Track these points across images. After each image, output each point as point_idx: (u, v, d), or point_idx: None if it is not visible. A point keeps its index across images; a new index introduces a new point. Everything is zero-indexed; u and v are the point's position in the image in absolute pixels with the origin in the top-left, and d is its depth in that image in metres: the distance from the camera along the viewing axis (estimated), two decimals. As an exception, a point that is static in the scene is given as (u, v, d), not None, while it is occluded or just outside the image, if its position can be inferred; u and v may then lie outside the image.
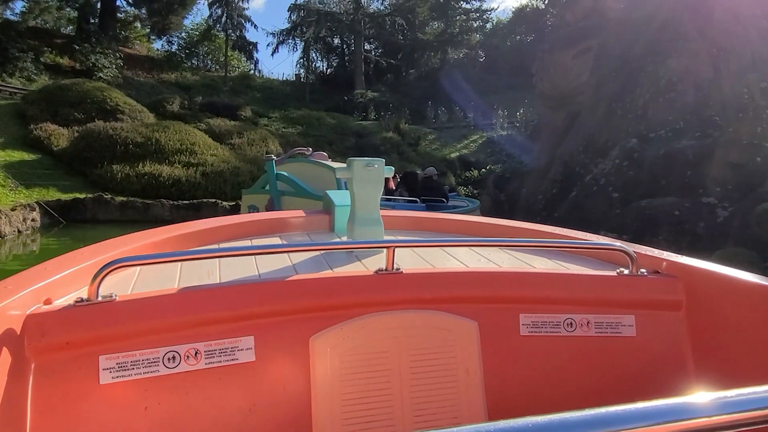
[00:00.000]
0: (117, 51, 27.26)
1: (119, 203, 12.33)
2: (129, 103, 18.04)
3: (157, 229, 1.80)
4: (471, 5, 39.90)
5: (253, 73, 35.40)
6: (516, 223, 2.23)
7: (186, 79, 30.18)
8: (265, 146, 18.51)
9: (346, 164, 1.85)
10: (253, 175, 15.59)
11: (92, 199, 12.16)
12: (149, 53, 34.57)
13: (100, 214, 12.18)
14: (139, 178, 13.76)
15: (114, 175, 13.73)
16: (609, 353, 1.44)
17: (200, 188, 14.23)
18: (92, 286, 1.13)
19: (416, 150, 23.83)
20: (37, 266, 1.31)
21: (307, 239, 2.02)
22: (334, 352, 1.29)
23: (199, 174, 14.52)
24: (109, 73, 24.81)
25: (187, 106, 20.68)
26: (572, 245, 1.76)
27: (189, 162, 14.86)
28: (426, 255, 1.75)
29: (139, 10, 33.13)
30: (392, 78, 36.24)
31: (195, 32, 36.04)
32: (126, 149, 14.59)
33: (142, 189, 13.60)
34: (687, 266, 1.50)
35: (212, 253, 1.47)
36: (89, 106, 16.99)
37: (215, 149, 16.02)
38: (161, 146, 14.92)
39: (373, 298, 1.36)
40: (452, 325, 1.38)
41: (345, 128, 23.78)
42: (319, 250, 1.69)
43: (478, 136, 27.19)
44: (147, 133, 15.19)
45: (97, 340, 1.12)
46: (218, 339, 1.21)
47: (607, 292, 1.49)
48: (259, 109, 25.60)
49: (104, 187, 13.55)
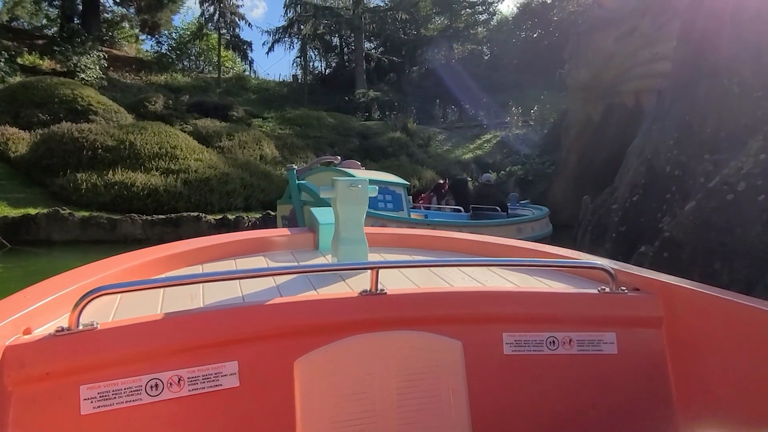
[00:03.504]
0: (101, 51, 25.33)
1: (80, 220, 10.14)
2: (103, 103, 15.86)
3: (140, 251, 1.75)
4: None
5: (248, 74, 33.32)
6: (500, 239, 2.24)
7: (176, 81, 28.08)
8: (259, 149, 16.31)
9: (331, 184, 1.80)
10: (245, 182, 13.40)
11: (46, 215, 9.97)
12: (138, 54, 32.58)
13: (56, 234, 9.99)
14: (109, 188, 11.56)
15: (78, 186, 11.53)
16: (591, 371, 1.45)
17: (181, 199, 12.03)
18: (73, 314, 1.12)
19: (427, 151, 21.68)
20: (16, 294, 1.29)
21: (292, 258, 1.99)
22: (318, 375, 1.28)
23: (181, 182, 12.33)
24: (93, 74, 22.81)
25: (172, 106, 18.48)
26: (554, 264, 1.75)
27: (169, 168, 12.66)
28: (410, 273, 1.75)
29: (127, 9, 31.15)
30: (395, 76, 34.15)
31: (186, 32, 34.08)
32: (94, 154, 12.40)
33: (112, 201, 11.41)
34: (666, 284, 1.53)
35: (195, 279, 1.38)
36: (56, 107, 14.81)
37: (200, 153, 13.82)
38: (136, 150, 12.73)
39: (358, 319, 1.35)
40: (437, 345, 1.38)
41: (348, 129, 21.60)
42: (303, 272, 1.65)
43: (491, 136, 25.18)
44: (120, 136, 12.99)
45: (78, 370, 1.10)
46: (202, 365, 1.19)
47: (588, 309, 1.51)
48: (253, 110, 23.46)
49: (66, 200, 11.37)
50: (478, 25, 38.26)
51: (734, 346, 1.33)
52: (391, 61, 34.49)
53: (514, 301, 1.49)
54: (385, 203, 8.42)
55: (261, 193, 13.55)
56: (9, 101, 14.84)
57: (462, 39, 37.57)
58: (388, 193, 8.54)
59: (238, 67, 34.99)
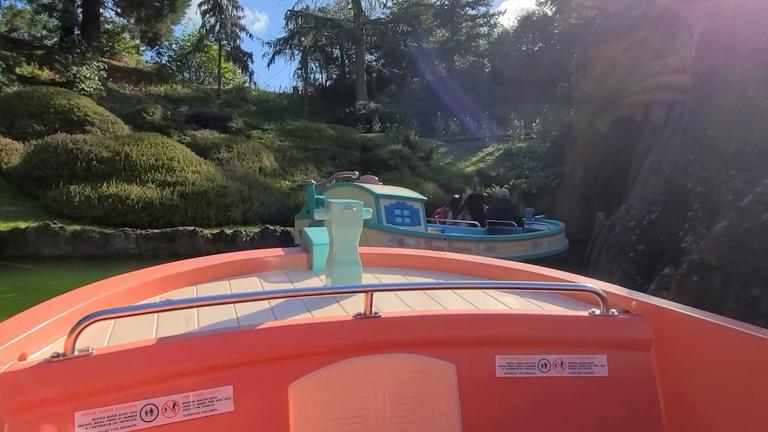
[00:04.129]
0: (100, 61, 25.16)
1: (71, 234, 9.75)
2: (100, 113, 15.55)
3: (135, 273, 1.77)
4: (477, 11, 38.02)
5: (248, 86, 33.13)
6: (493, 260, 2.25)
7: (176, 92, 27.86)
8: (258, 161, 15.98)
9: (325, 206, 1.83)
10: (243, 195, 13.04)
11: (36, 229, 9.58)
12: (138, 65, 32.43)
13: (46, 249, 9.59)
14: (102, 200, 11.19)
15: (71, 198, 11.16)
16: (582, 394, 1.46)
17: (177, 212, 11.66)
18: (68, 340, 1.12)
19: (428, 164, 21.36)
20: (11, 319, 1.29)
21: (286, 279, 2.01)
22: (313, 399, 1.29)
23: (177, 195, 11.96)
24: (91, 85, 22.60)
25: (171, 117, 18.17)
26: (546, 287, 1.82)
27: (165, 180, 12.30)
28: (403, 295, 1.77)
29: (128, 19, 31.02)
30: (396, 88, 33.97)
31: (187, 43, 33.97)
32: (88, 166, 12.05)
33: (105, 215, 11.04)
34: (656, 306, 1.54)
35: (190, 303, 1.39)
36: (52, 117, 14.50)
37: (198, 165, 13.46)
38: (132, 162, 12.38)
39: (352, 343, 1.36)
40: (430, 368, 1.39)
41: (348, 141, 21.29)
42: (298, 296, 1.64)
43: (493, 149, 24.88)
44: (115, 147, 12.65)
45: (74, 396, 1.11)
46: (196, 390, 1.19)
47: (579, 332, 1.52)
48: (253, 122, 23.18)
49: (58, 213, 11.00)
50: (479, 38, 38.22)
51: (724, 370, 1.34)
52: (392, 73, 34.37)
53: (506, 324, 1.51)
54: (403, 218, 8.46)
55: (260, 207, 13.18)
56: (3, 111, 14.54)
57: (463, 51, 37.49)
58: (406, 208, 8.55)
59: (238, 78, 34.84)
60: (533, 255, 9.46)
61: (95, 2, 28.16)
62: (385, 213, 8.29)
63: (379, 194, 8.38)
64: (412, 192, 9.50)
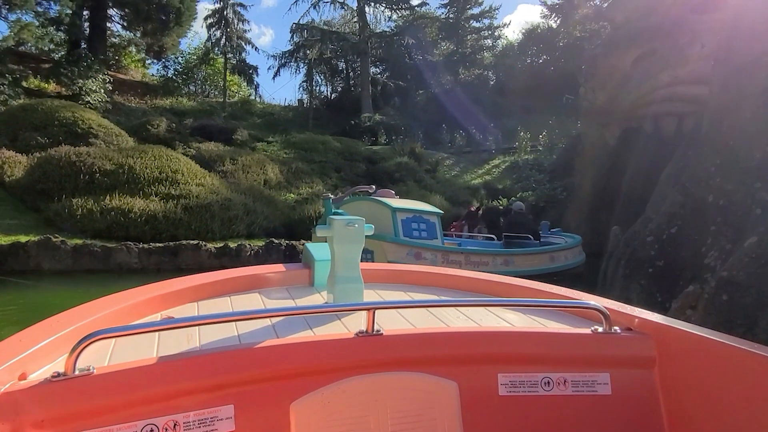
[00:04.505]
0: (106, 74, 25.22)
1: (72, 248, 9.57)
2: (104, 126, 15.46)
3: (136, 290, 1.76)
4: (482, 23, 38.11)
5: (254, 99, 33.15)
6: (493, 276, 2.24)
7: (182, 105, 27.88)
8: (263, 173, 15.82)
9: (327, 224, 1.82)
10: (248, 208, 12.85)
11: (37, 243, 9.40)
12: (144, 79, 32.55)
13: (47, 263, 9.40)
14: (105, 214, 11.02)
15: (73, 211, 11.00)
16: (586, 412, 1.45)
17: (181, 226, 11.47)
18: (69, 359, 1.11)
19: (434, 176, 21.17)
20: (11, 338, 1.28)
21: (287, 295, 2.01)
22: (315, 418, 1.28)
23: (181, 208, 11.78)
24: (97, 98, 22.65)
25: (176, 129, 18.08)
26: (548, 304, 1.80)
27: (168, 193, 12.13)
28: (405, 312, 1.76)
29: (134, 33, 31.18)
30: (401, 101, 33.95)
31: (192, 57, 34.10)
32: (91, 179, 11.90)
33: (108, 228, 10.86)
34: (659, 324, 1.53)
35: (191, 321, 1.37)
36: (56, 129, 14.41)
37: (202, 177, 13.30)
38: (135, 175, 12.23)
39: (354, 361, 1.35)
40: (432, 386, 1.39)
41: (354, 153, 21.15)
42: (300, 314, 1.65)
43: (500, 161, 24.72)
44: (119, 159, 12.51)
45: (74, 417, 1.09)
46: (197, 409, 1.18)
47: (582, 349, 1.51)
48: (258, 134, 23.10)
49: (59, 227, 10.82)
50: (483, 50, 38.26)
51: (728, 388, 1.33)
52: (397, 85, 34.36)
53: (509, 341, 1.50)
54: (420, 231, 8.47)
55: (264, 220, 12.99)
56: (8, 124, 14.47)
57: (468, 64, 37.52)
58: (423, 221, 8.56)
59: (243, 91, 34.88)
60: (550, 269, 9.37)
61: (102, 16, 28.35)
62: (402, 227, 8.28)
63: (396, 208, 8.38)
64: (429, 205, 9.49)
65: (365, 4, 33.31)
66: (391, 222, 8.13)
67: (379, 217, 8.01)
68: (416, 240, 8.30)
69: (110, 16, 29.25)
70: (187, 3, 28.96)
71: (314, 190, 16.19)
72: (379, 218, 7.93)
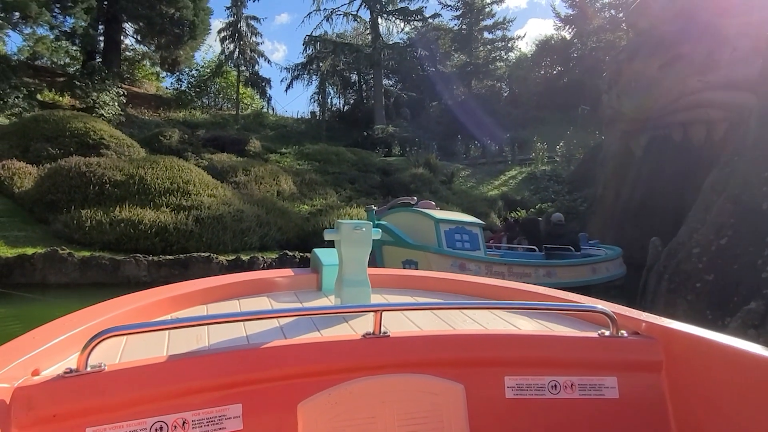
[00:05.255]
0: (120, 87, 25.26)
1: (79, 261, 9.22)
2: (116, 137, 15.24)
3: (147, 291, 1.78)
4: (495, 35, 37.87)
5: (266, 111, 33.09)
6: (501, 281, 2.24)
7: (195, 118, 27.82)
8: (276, 184, 15.46)
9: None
10: (261, 220, 12.47)
11: (43, 255, 9.06)
12: (157, 92, 32.67)
13: (53, 276, 9.06)
14: (114, 225, 10.68)
15: (82, 223, 10.67)
16: (593, 415, 1.44)
17: (192, 238, 11.10)
18: (81, 356, 1.13)
19: (450, 188, 20.71)
20: (25, 335, 1.30)
21: (295, 299, 2.01)
22: (322, 419, 1.28)
23: (192, 219, 11.42)
24: (111, 111, 22.65)
25: (188, 140, 17.85)
26: (555, 307, 1.80)
27: (180, 204, 11.79)
28: (412, 315, 1.75)
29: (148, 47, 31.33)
30: (413, 112, 33.66)
31: (206, 70, 34.23)
32: (101, 189, 11.60)
33: (117, 240, 10.51)
34: (665, 328, 1.52)
35: (200, 321, 1.43)
36: (67, 140, 14.19)
37: (214, 188, 12.96)
38: (146, 185, 11.91)
39: (361, 362, 1.36)
40: (439, 388, 1.39)
41: (368, 164, 20.77)
42: (307, 315, 1.66)
43: (516, 172, 24.22)
44: (130, 170, 12.21)
45: (85, 412, 1.11)
46: (206, 408, 1.19)
47: (589, 353, 1.50)
48: (271, 146, 22.86)
49: (68, 239, 10.50)
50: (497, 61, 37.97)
51: (736, 393, 1.30)
52: (410, 96, 34.11)
53: (515, 345, 1.49)
54: (463, 243, 8.39)
55: (277, 232, 12.59)
56: (19, 135, 14.29)
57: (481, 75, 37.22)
58: (465, 232, 8.48)
59: (256, 103, 34.89)
60: (592, 280, 9.24)
61: (116, 29, 28.53)
62: (445, 238, 8.20)
63: (440, 219, 8.32)
64: (471, 217, 9.47)
65: (378, 15, 33.22)
66: (434, 233, 8.09)
67: (422, 228, 8.05)
68: (460, 251, 8.21)
69: (124, 29, 29.43)
70: (201, 16, 29.04)
71: (328, 201, 15.80)
72: (422, 229, 7.99)
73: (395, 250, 7.90)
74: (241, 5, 31.49)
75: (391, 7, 33.43)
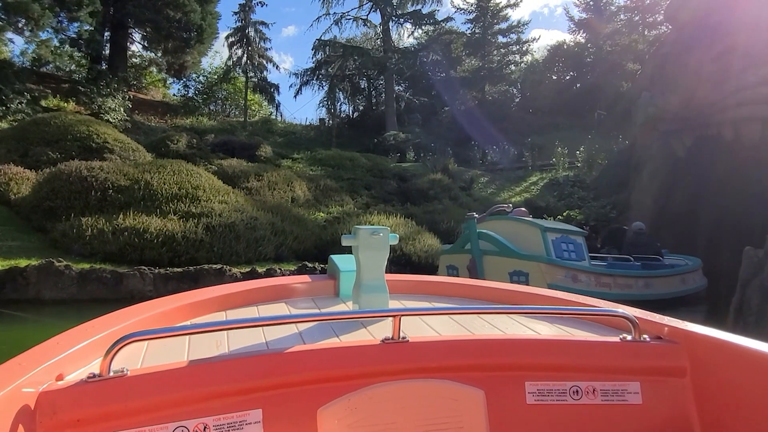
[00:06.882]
0: (126, 92, 24.56)
1: (78, 274, 8.28)
2: (120, 141, 14.38)
3: (166, 298, 1.79)
4: (509, 38, 37.05)
5: (275, 118, 32.32)
6: (519, 287, 2.23)
7: (202, 124, 27.07)
8: (290, 190, 14.52)
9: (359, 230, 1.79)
10: (276, 228, 11.51)
11: (37, 268, 8.13)
12: (164, 98, 32.00)
13: (48, 291, 8.11)
14: (117, 234, 9.75)
15: (82, 231, 9.75)
16: (616, 421, 1.41)
17: (202, 247, 10.15)
18: (104, 361, 1.12)
19: (470, 194, 19.74)
20: (49, 341, 1.30)
21: (313, 305, 2.01)
22: (341, 425, 1.26)
23: (202, 228, 10.48)
24: (116, 117, 21.93)
25: (196, 146, 16.97)
26: (575, 311, 1.77)
27: (189, 211, 10.86)
28: (430, 321, 1.75)
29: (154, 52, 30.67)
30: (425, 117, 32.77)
31: (213, 76, 33.57)
32: (104, 195, 10.70)
33: (120, 250, 9.57)
34: (689, 332, 1.49)
35: (220, 326, 1.42)
36: (69, 144, 13.35)
37: (225, 194, 12.03)
38: (152, 191, 11.00)
39: (380, 367, 1.35)
40: (459, 394, 1.37)
41: (383, 170, 19.85)
42: (326, 320, 1.64)
43: (537, 178, 23.23)
44: (134, 175, 11.31)
45: (108, 417, 1.10)
46: (227, 413, 1.18)
47: (611, 358, 1.47)
48: (281, 152, 22.00)
49: (67, 249, 9.58)
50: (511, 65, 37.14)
51: (765, 399, 1.26)
52: (422, 102, 33.24)
53: (536, 350, 1.45)
54: (569, 252, 7.97)
55: (294, 241, 11.62)
56: (18, 139, 13.47)
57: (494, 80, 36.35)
58: (570, 242, 8.08)
59: (264, 110, 34.15)
60: (683, 291, 8.83)
61: (123, 35, 27.88)
62: (553, 247, 7.72)
63: (547, 227, 7.93)
64: (572, 226, 9.18)
65: (389, 19, 32.47)
66: (541, 243, 7.62)
67: (526, 236, 7.73)
68: (568, 261, 7.80)
69: (131, 35, 28.80)
70: (209, 20, 28.34)
71: (345, 208, 14.84)
72: (525, 238, 7.69)
73: (500, 260, 7.49)
74: (249, 10, 30.84)
75: (402, 10, 32.67)
